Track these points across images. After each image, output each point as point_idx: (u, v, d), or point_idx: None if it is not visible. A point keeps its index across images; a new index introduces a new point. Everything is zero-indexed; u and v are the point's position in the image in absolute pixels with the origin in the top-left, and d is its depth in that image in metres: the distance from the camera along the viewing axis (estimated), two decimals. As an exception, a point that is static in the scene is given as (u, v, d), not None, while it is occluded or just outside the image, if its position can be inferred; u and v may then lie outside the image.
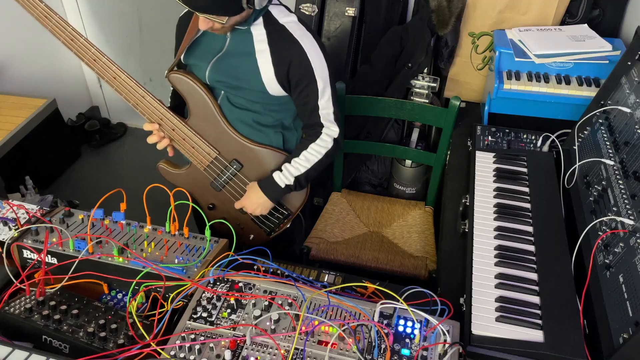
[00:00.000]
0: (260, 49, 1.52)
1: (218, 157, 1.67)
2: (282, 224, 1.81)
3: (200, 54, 1.61)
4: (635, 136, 1.33)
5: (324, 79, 1.55)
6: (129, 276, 1.25)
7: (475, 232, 1.40)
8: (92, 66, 1.55)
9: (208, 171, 1.70)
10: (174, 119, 1.62)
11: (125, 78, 1.56)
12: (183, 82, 1.61)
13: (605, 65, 1.81)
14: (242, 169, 1.69)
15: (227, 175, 1.70)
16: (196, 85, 1.60)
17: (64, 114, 3.18)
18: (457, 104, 1.87)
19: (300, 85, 1.54)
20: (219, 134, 1.65)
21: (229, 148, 1.67)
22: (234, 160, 1.68)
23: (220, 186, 1.73)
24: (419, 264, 1.93)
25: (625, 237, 1.19)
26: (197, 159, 1.68)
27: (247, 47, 1.53)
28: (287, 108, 1.68)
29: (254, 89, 1.57)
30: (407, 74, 2.21)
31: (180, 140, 1.65)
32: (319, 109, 1.58)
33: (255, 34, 1.52)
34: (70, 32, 1.52)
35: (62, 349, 1.12)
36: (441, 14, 2.09)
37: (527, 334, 1.14)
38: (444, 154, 1.99)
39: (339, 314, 1.16)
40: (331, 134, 1.64)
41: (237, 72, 1.56)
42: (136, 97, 1.59)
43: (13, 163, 2.71)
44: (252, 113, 1.64)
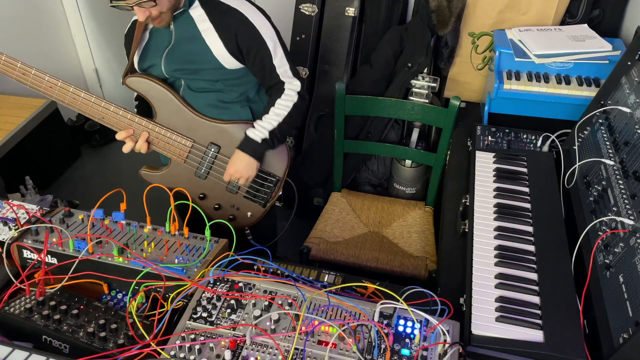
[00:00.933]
0: (204, 28, 1.58)
1: (194, 144, 1.69)
2: (273, 191, 1.82)
3: (152, 54, 1.65)
4: (635, 136, 1.33)
5: (272, 38, 1.61)
6: (129, 276, 1.25)
7: (475, 232, 1.40)
8: (50, 93, 1.59)
9: (189, 162, 1.72)
10: (142, 121, 1.65)
11: (85, 96, 1.60)
12: (141, 83, 1.64)
13: (605, 65, 1.81)
14: (220, 150, 1.71)
15: (207, 160, 1.72)
16: (153, 82, 1.64)
17: (64, 114, 3.18)
18: (457, 104, 1.87)
19: (252, 51, 1.60)
20: (188, 122, 1.68)
21: (202, 134, 1.69)
22: (211, 143, 1.70)
23: (205, 173, 1.74)
24: (419, 264, 1.93)
25: (625, 237, 1.19)
26: (174, 153, 1.70)
27: (192, 31, 1.58)
28: (247, 81, 1.72)
29: (210, 67, 1.61)
30: (407, 74, 2.21)
31: (154, 140, 1.67)
32: (276, 68, 1.64)
33: (195, 16, 1.58)
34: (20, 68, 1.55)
35: (62, 349, 1.12)
36: (441, 14, 2.09)
37: (527, 334, 1.14)
38: (444, 154, 1.99)
39: (339, 314, 1.16)
40: (294, 88, 1.68)
41: (190, 56, 1.61)
42: (100, 111, 1.62)
43: (13, 163, 2.71)
44: (215, 93, 1.68)
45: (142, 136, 1.66)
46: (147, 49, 1.66)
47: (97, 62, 3.51)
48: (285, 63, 1.66)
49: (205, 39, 1.58)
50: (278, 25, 1.66)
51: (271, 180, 1.79)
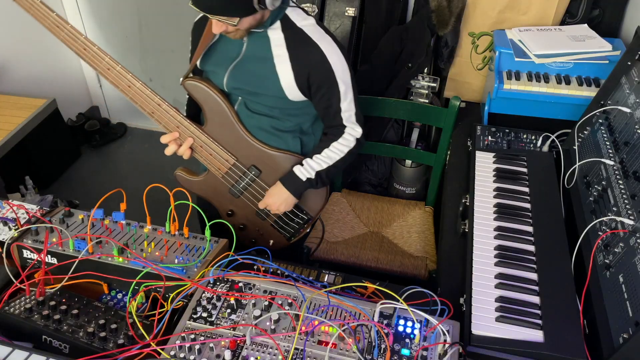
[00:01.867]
0: (278, 53, 1.49)
1: (236, 163, 1.64)
2: (302, 228, 1.78)
3: (217, 60, 1.58)
4: (635, 136, 1.33)
5: (345, 82, 1.52)
6: (129, 276, 1.25)
7: (475, 232, 1.40)
8: (106, 75, 1.52)
9: (226, 178, 1.67)
10: (191, 127, 1.59)
11: (140, 86, 1.53)
12: (198, 89, 1.57)
13: (605, 65, 1.81)
14: (261, 174, 1.66)
15: (245, 181, 1.67)
16: (212, 92, 1.57)
17: (64, 114, 3.18)
18: (457, 104, 1.87)
19: (321, 90, 1.52)
20: (236, 140, 1.62)
21: (246, 154, 1.64)
22: (253, 166, 1.65)
23: (239, 192, 1.70)
24: (419, 264, 1.93)
25: (625, 237, 1.19)
26: (214, 166, 1.65)
27: (265, 52, 1.50)
28: (305, 112, 1.65)
29: (273, 95, 1.54)
30: (407, 74, 2.21)
31: (197, 147, 1.62)
32: (341, 111, 1.56)
33: (272, 38, 1.49)
34: (82, 42, 1.48)
35: (62, 349, 1.12)
36: (441, 14, 2.09)
37: (527, 334, 1.14)
38: (444, 154, 1.99)
39: (339, 314, 1.16)
40: (354, 134, 1.62)
41: (255, 78, 1.53)
42: (152, 105, 1.55)
43: (13, 163, 2.71)
44: (270, 119, 1.61)
45: (187, 142, 1.59)
46: (213, 50, 1.58)
47: (97, 62, 3.51)
48: (352, 108, 1.57)
49: (276, 65, 1.50)
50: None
51: (302, 218, 1.76)
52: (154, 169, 3.26)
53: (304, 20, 1.50)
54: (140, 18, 3.22)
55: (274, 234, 1.78)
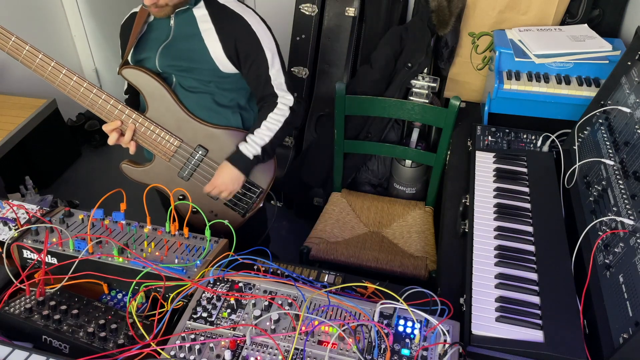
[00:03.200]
0: (204, 28, 1.57)
1: (182, 144, 1.67)
2: (255, 202, 1.80)
3: (148, 47, 1.64)
4: (635, 136, 1.33)
5: (271, 50, 1.60)
6: (129, 276, 1.25)
7: (475, 232, 1.40)
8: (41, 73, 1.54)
9: (173, 161, 1.69)
10: (132, 114, 1.62)
11: (77, 80, 1.56)
12: (136, 75, 1.61)
13: (605, 65, 1.81)
14: (208, 153, 1.69)
15: (193, 162, 1.69)
16: (149, 76, 1.61)
17: (64, 114, 3.18)
18: (457, 104, 1.87)
19: (249, 58, 1.59)
20: (179, 121, 1.65)
21: (191, 134, 1.67)
22: (199, 145, 1.68)
23: (189, 175, 1.72)
24: (419, 264, 1.93)
25: (625, 237, 1.19)
26: (160, 150, 1.67)
27: (192, 29, 1.58)
28: (240, 87, 1.70)
29: (205, 67, 1.60)
30: (407, 74, 2.21)
31: (141, 134, 1.64)
32: (271, 79, 1.63)
33: (197, 15, 1.58)
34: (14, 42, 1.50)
35: (62, 349, 1.12)
36: (441, 14, 2.09)
37: (527, 334, 1.14)
38: (444, 154, 1.99)
39: (339, 314, 1.16)
40: (287, 103, 1.68)
41: (186, 53, 1.60)
42: (90, 98, 1.59)
43: (13, 163, 2.71)
44: (208, 95, 1.66)
45: (130, 129, 1.63)
46: (143, 41, 1.65)
47: (97, 62, 3.51)
48: (281, 76, 1.65)
49: (204, 39, 1.58)
50: (278, 26, 1.67)
51: (254, 191, 1.77)
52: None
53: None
54: (140, 18, 3.22)
55: (228, 213, 1.80)
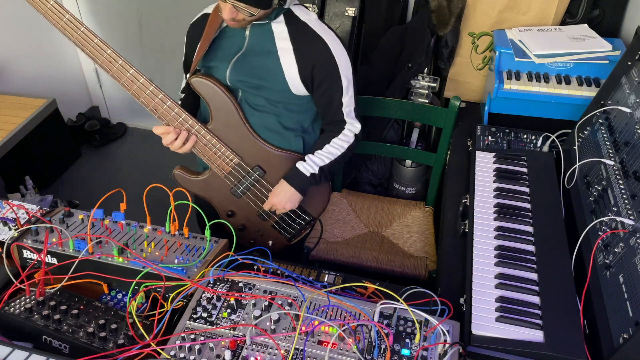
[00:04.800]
0: (282, 46, 1.49)
1: (240, 163, 1.61)
2: (303, 229, 1.77)
3: (219, 56, 1.56)
4: (635, 136, 1.33)
5: (347, 77, 1.53)
6: (129, 276, 1.25)
7: (475, 232, 1.40)
8: (107, 69, 1.48)
9: (229, 177, 1.64)
10: (195, 125, 1.54)
11: (144, 82, 1.48)
12: (205, 86, 1.54)
13: (605, 65, 1.81)
14: (265, 175, 1.64)
15: (249, 181, 1.64)
16: (219, 89, 1.54)
17: (64, 114, 3.18)
18: (457, 104, 1.87)
19: (324, 84, 1.52)
20: (241, 139, 1.59)
21: (251, 154, 1.61)
22: (257, 166, 1.63)
23: (242, 193, 1.67)
24: (419, 264, 1.93)
25: (625, 237, 1.19)
26: (218, 165, 1.61)
27: (269, 45, 1.49)
28: (307, 109, 1.65)
29: (277, 88, 1.53)
30: (407, 74, 2.21)
31: (201, 146, 1.57)
32: (343, 106, 1.57)
33: (276, 31, 1.49)
34: (83, 32, 1.45)
35: (62, 349, 1.12)
36: (441, 14, 2.09)
37: (527, 334, 1.14)
38: (444, 154, 1.99)
39: (339, 314, 1.16)
40: (353, 130, 1.63)
41: (259, 70, 1.52)
42: (155, 101, 1.50)
43: (13, 163, 2.71)
44: (274, 116, 1.60)
45: (191, 140, 1.54)
46: (214, 47, 1.56)
47: (97, 62, 3.51)
48: (352, 103, 1.59)
49: (280, 57, 1.49)
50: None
51: (304, 219, 1.74)
52: (154, 169, 3.25)
53: (307, 15, 1.50)
54: (140, 18, 3.22)
55: (274, 235, 1.77)
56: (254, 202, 1.69)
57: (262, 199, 1.68)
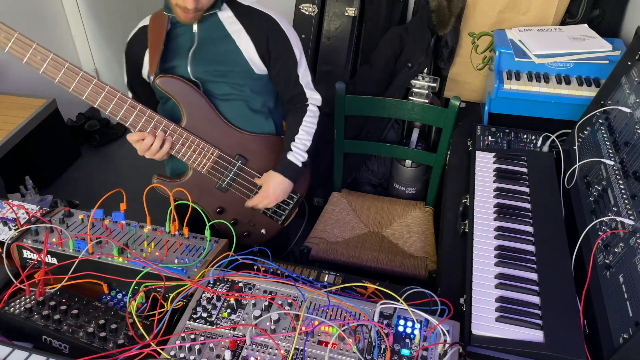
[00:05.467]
0: (234, 29, 1.55)
1: (221, 154, 1.61)
2: (293, 209, 1.77)
3: (174, 55, 1.57)
4: (635, 136, 1.33)
5: (299, 48, 1.60)
6: (129, 276, 1.25)
7: (475, 232, 1.40)
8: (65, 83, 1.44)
9: (212, 172, 1.63)
10: (170, 124, 1.53)
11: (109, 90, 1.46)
12: (173, 84, 1.54)
13: (605, 65, 1.81)
14: (248, 162, 1.65)
15: (233, 172, 1.64)
16: (188, 85, 1.55)
17: (64, 114, 3.18)
18: (457, 104, 1.87)
19: (280, 58, 1.58)
20: (217, 131, 1.60)
21: (229, 143, 1.62)
22: (238, 155, 1.63)
23: (228, 186, 1.66)
24: (419, 264, 1.93)
25: (625, 237, 1.19)
26: (198, 161, 1.61)
27: (220, 32, 1.55)
28: (270, 89, 1.69)
29: (239, 69, 1.57)
30: (407, 74, 2.21)
31: (179, 146, 1.56)
32: (299, 78, 1.62)
33: (223, 17, 1.55)
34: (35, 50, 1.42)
35: (62, 349, 1.12)
36: (441, 14, 2.09)
37: (527, 334, 1.14)
38: (444, 154, 1.99)
39: (339, 314, 1.16)
40: (315, 102, 1.68)
41: (220, 56, 1.56)
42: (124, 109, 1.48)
43: (13, 163, 2.71)
44: (241, 101, 1.62)
45: (167, 141, 1.53)
46: (165, 50, 1.57)
47: (97, 62, 3.51)
48: (308, 74, 1.64)
49: (235, 40, 1.55)
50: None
51: (292, 198, 1.74)
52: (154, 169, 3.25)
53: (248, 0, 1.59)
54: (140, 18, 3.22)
55: (265, 222, 1.77)
56: (242, 192, 1.69)
57: (249, 188, 1.69)
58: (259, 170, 1.68)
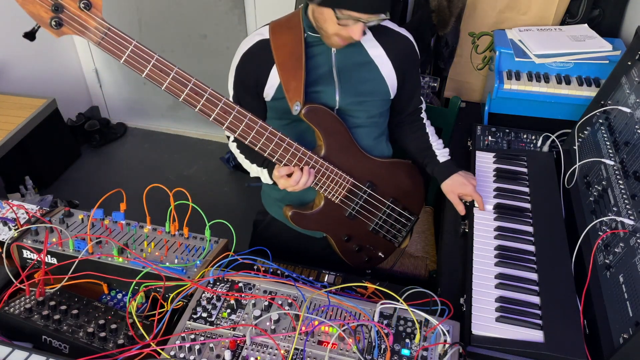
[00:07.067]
0: (376, 54, 1.44)
1: (354, 182, 1.51)
2: (410, 230, 1.71)
3: (316, 79, 1.43)
4: (635, 136, 1.33)
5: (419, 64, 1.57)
6: (129, 276, 1.25)
7: (475, 232, 1.40)
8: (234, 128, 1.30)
9: (344, 201, 1.53)
10: (313, 156, 1.41)
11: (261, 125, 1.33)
12: (320, 114, 1.41)
13: (605, 65, 1.81)
14: (377, 188, 1.56)
15: (363, 199, 1.55)
16: (335, 117, 1.44)
17: (64, 114, 3.18)
18: (457, 104, 1.87)
19: (413, 76, 1.53)
20: (353, 159, 1.51)
21: (362, 171, 1.53)
22: (368, 182, 1.54)
23: (357, 214, 1.57)
24: (419, 264, 1.93)
25: (625, 237, 1.19)
26: (334, 191, 1.50)
27: (361, 56, 1.43)
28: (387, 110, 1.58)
29: (381, 98, 1.49)
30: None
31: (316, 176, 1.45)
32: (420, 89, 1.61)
33: (364, 40, 1.42)
34: None
35: (62, 349, 1.12)
36: (441, 14, 2.09)
37: (527, 334, 1.14)
38: (444, 154, 1.99)
39: (339, 314, 1.15)
40: (424, 107, 1.65)
41: (365, 86, 1.45)
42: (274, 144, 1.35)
43: (13, 163, 2.71)
44: (368, 128, 1.53)
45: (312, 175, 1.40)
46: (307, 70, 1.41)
47: (97, 62, 3.51)
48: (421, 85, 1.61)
49: (379, 66, 1.44)
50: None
51: (409, 219, 1.67)
52: (154, 169, 3.26)
53: None
54: (140, 18, 3.22)
55: (384, 245, 1.69)
56: (368, 218, 1.60)
57: (374, 212, 1.60)
58: (384, 195, 1.59)
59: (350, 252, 1.64)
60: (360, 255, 1.67)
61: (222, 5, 3.04)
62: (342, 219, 1.58)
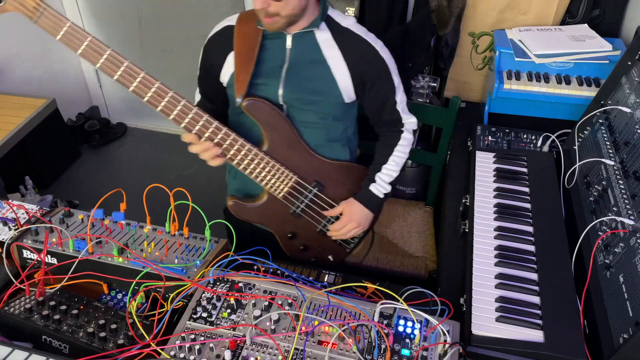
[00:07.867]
0: (331, 55, 1.43)
1: (298, 180, 1.52)
2: (363, 237, 1.72)
3: (264, 71, 1.43)
4: (635, 136, 1.33)
5: (396, 73, 1.51)
6: (129, 276, 1.25)
7: (475, 232, 1.40)
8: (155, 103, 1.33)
9: (288, 198, 1.54)
10: (253, 149, 1.44)
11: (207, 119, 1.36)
12: (261, 109, 1.43)
13: (605, 65, 1.81)
14: (324, 189, 1.56)
15: (308, 198, 1.56)
16: (276, 111, 1.44)
17: (64, 114, 3.18)
18: (457, 104, 1.87)
19: (376, 86, 1.49)
20: (298, 157, 1.51)
21: (307, 170, 1.53)
22: (315, 182, 1.55)
23: (301, 212, 1.58)
24: (419, 264, 1.93)
25: (626, 237, 1.19)
26: (276, 187, 1.52)
27: (315, 55, 1.43)
28: (351, 115, 1.59)
29: (331, 101, 1.47)
30: (407, 73, 2.21)
31: (258, 170, 1.47)
32: (397, 104, 1.54)
33: (320, 39, 1.42)
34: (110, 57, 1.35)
35: (62, 349, 1.12)
36: (441, 14, 2.09)
37: (527, 334, 1.14)
38: (444, 154, 1.99)
39: (339, 314, 1.16)
40: (411, 126, 1.60)
41: (312, 84, 1.44)
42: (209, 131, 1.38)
43: (13, 163, 2.71)
44: (321, 130, 1.52)
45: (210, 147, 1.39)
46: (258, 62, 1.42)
47: (97, 62, 3.51)
48: (404, 97, 1.55)
49: (331, 67, 1.43)
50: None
51: None
52: (154, 169, 3.26)
53: (347, 20, 1.46)
54: (140, 18, 3.22)
55: (334, 249, 1.70)
56: (314, 218, 1.61)
57: (321, 214, 1.60)
58: (334, 198, 1.59)
59: (295, 249, 1.64)
60: (307, 254, 1.67)
61: (222, 5, 3.04)
62: (286, 216, 1.59)
